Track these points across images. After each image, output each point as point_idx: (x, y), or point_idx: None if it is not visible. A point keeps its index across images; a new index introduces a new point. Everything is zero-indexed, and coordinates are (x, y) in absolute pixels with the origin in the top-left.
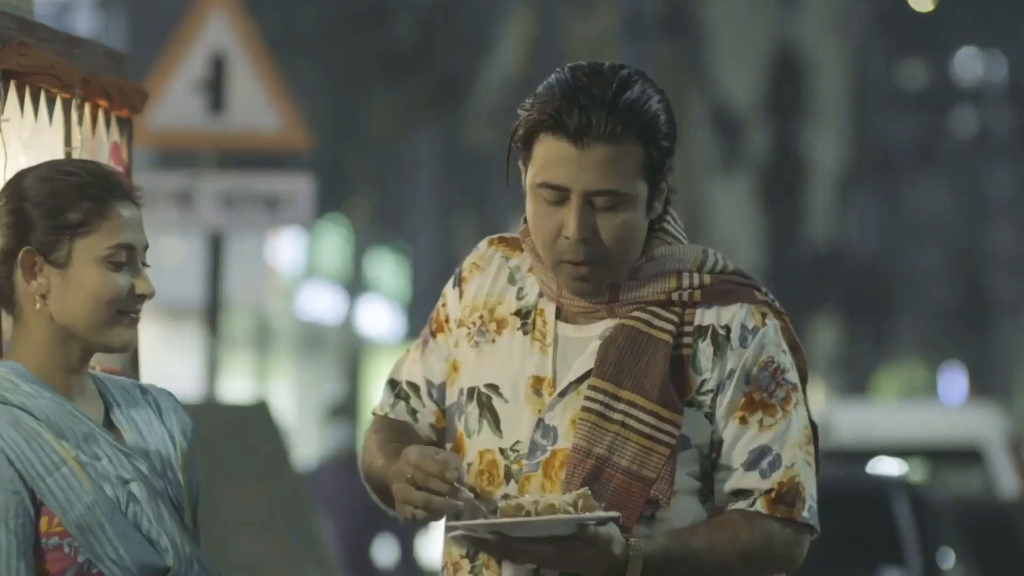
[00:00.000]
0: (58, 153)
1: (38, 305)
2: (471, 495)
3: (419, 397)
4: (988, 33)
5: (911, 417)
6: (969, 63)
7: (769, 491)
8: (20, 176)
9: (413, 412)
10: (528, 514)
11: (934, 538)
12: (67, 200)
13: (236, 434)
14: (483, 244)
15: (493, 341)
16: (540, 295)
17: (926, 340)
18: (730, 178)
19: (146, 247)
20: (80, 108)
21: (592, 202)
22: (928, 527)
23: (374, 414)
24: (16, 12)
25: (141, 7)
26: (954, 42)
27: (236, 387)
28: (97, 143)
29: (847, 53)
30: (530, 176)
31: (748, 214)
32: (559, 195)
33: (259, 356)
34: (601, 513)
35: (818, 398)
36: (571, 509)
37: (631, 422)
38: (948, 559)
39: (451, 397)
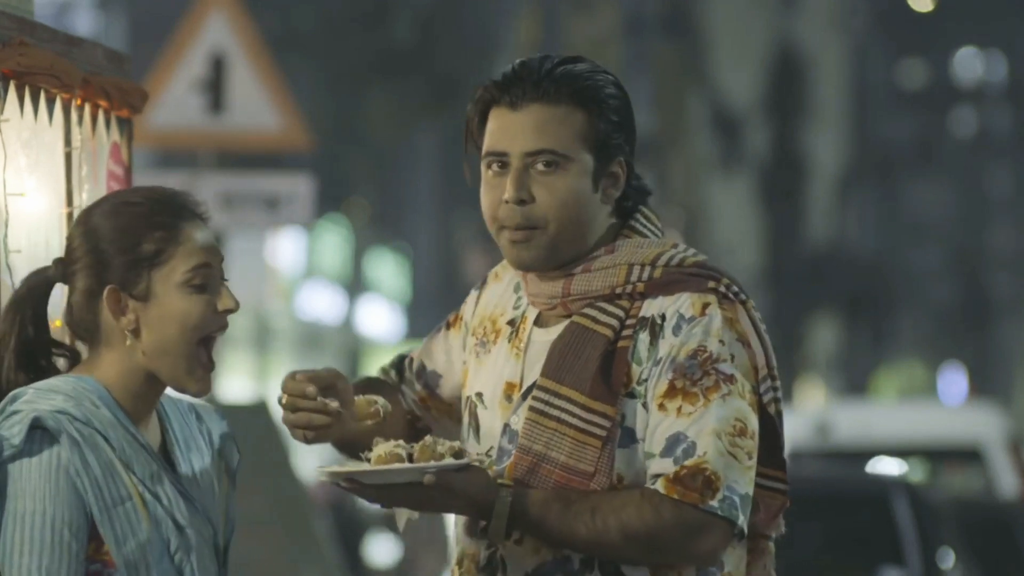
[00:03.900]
0: (58, 153)
1: (129, 341)
2: (336, 406)
3: (412, 373)
4: (988, 33)
5: (911, 417)
6: (969, 63)
7: (673, 472)
8: (88, 214)
9: (401, 383)
10: (406, 460)
11: (934, 538)
12: (137, 232)
13: (236, 434)
14: None
15: (489, 352)
16: (530, 303)
17: (926, 340)
18: (730, 178)
19: (222, 260)
20: (80, 108)
21: (531, 166)
22: (928, 527)
23: None
24: (16, 12)
25: (141, 7)
26: (954, 42)
27: (236, 387)
28: (97, 143)
29: (847, 53)
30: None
31: (748, 214)
32: (502, 163)
33: (259, 356)
34: (446, 462)
35: (818, 398)
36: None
37: (566, 417)
38: (948, 559)
39: (456, 403)
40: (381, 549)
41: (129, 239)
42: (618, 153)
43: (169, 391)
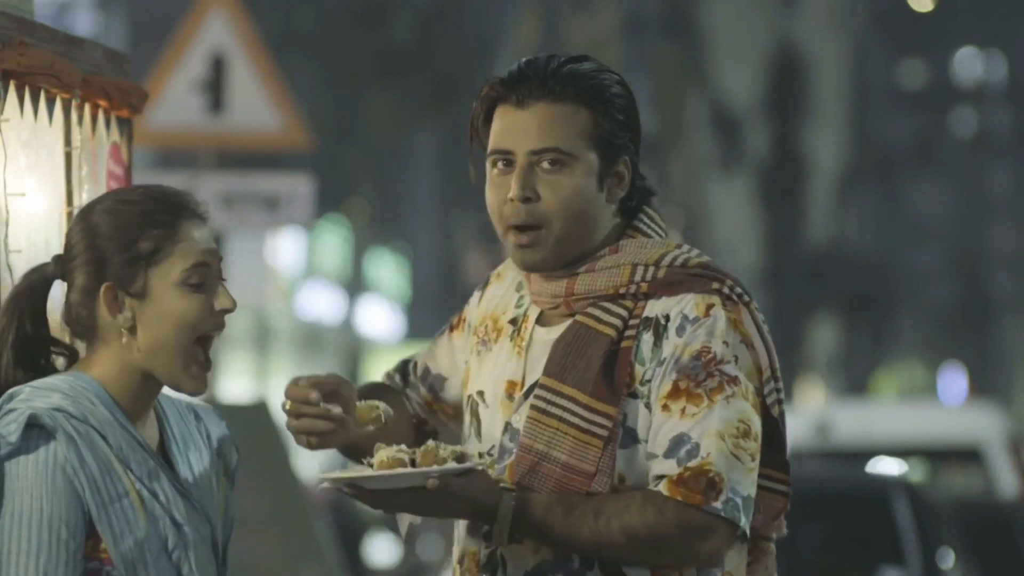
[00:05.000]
0: (58, 153)
1: (125, 339)
2: (339, 411)
3: (416, 377)
4: (988, 33)
5: (911, 417)
6: (969, 63)
7: (676, 474)
8: (87, 212)
9: (406, 387)
10: (409, 464)
11: (934, 538)
12: (136, 230)
13: (236, 434)
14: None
15: (491, 350)
16: (532, 302)
17: (926, 340)
18: (730, 178)
19: (220, 260)
20: (80, 108)
21: (537, 165)
22: (928, 527)
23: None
24: (16, 12)
25: (141, 7)
26: (954, 42)
27: (236, 387)
28: (97, 143)
29: (847, 53)
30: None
31: (748, 214)
32: (507, 161)
33: (259, 356)
34: (449, 466)
35: (818, 398)
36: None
37: (568, 416)
38: (948, 559)
39: (462, 405)
40: (381, 549)
41: (127, 236)
42: (623, 152)
43: (167, 390)
